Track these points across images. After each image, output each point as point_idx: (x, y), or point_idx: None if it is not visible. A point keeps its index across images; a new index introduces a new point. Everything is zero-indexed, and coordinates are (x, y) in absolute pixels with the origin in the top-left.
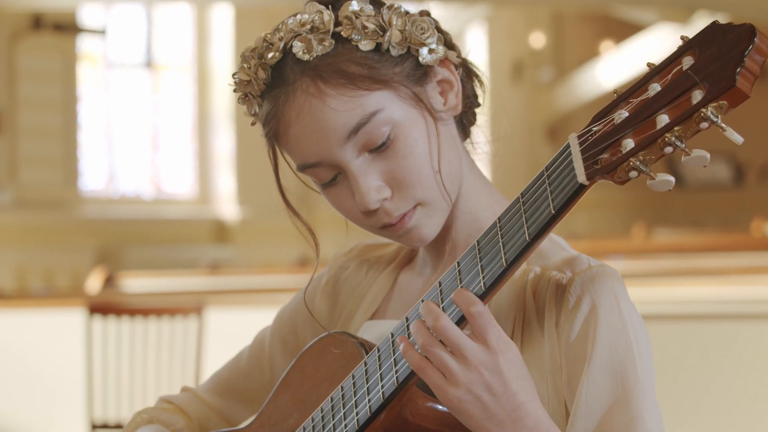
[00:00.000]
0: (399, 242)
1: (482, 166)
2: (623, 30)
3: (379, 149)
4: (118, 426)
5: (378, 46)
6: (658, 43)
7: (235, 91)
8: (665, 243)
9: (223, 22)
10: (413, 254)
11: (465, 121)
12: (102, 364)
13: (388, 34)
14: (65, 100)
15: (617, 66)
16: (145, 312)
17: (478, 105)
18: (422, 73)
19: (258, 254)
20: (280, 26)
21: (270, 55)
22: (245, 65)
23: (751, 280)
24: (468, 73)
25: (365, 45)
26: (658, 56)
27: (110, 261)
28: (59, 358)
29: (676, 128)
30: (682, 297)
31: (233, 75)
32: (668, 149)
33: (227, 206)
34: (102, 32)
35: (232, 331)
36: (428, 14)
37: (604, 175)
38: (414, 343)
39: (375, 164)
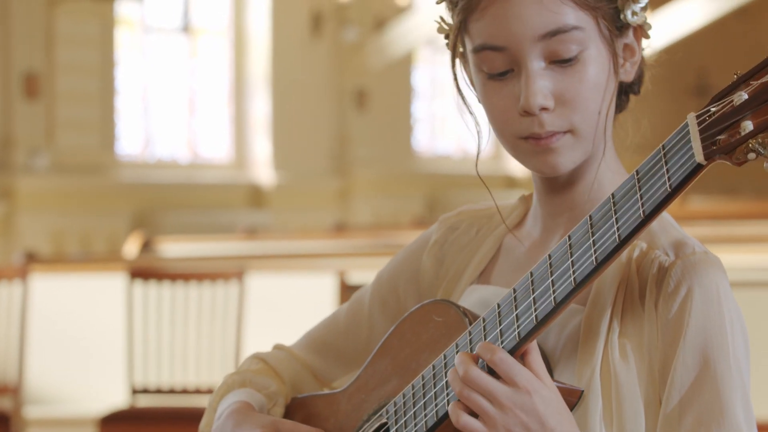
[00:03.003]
0: (529, 164)
1: None
2: None
3: (561, 63)
4: (159, 391)
5: None
6: (694, 10)
7: None
8: (700, 210)
9: None
10: (523, 217)
11: (622, 97)
12: (142, 329)
13: None
14: (103, 64)
15: (652, 33)
16: (186, 277)
17: (638, 92)
18: (618, 26)
19: (293, 219)
20: None
21: None
22: None
23: None
24: (643, 60)
25: None
26: (694, 24)
27: (146, 226)
28: (99, 322)
29: None
30: None
31: None
32: None
33: (263, 171)
34: None
35: (272, 296)
36: None
37: (722, 156)
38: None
39: (551, 75)
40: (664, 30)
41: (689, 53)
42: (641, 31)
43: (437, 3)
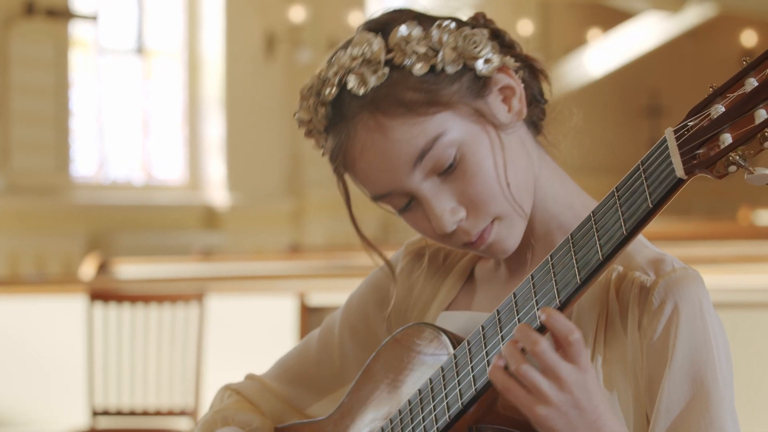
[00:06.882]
0: (483, 255)
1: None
2: (611, 18)
3: (447, 171)
4: (119, 413)
5: (432, 67)
6: (646, 31)
7: (300, 128)
8: (652, 231)
9: (213, 8)
10: None
11: (535, 119)
12: (103, 351)
13: (440, 54)
14: (57, 86)
15: (604, 54)
16: (146, 299)
17: (545, 102)
18: (482, 84)
19: (248, 240)
20: (332, 60)
21: (327, 91)
22: (304, 103)
23: (739, 269)
24: (532, 71)
25: (419, 69)
26: (646, 45)
27: (101, 247)
28: (58, 344)
29: None
30: None
31: (294, 115)
32: None
33: (217, 192)
34: (94, 18)
35: (232, 318)
36: (483, 17)
37: (703, 170)
38: (507, 363)
39: (445, 186)
40: (616, 51)
41: (641, 74)
42: (505, 67)
43: (322, 155)
